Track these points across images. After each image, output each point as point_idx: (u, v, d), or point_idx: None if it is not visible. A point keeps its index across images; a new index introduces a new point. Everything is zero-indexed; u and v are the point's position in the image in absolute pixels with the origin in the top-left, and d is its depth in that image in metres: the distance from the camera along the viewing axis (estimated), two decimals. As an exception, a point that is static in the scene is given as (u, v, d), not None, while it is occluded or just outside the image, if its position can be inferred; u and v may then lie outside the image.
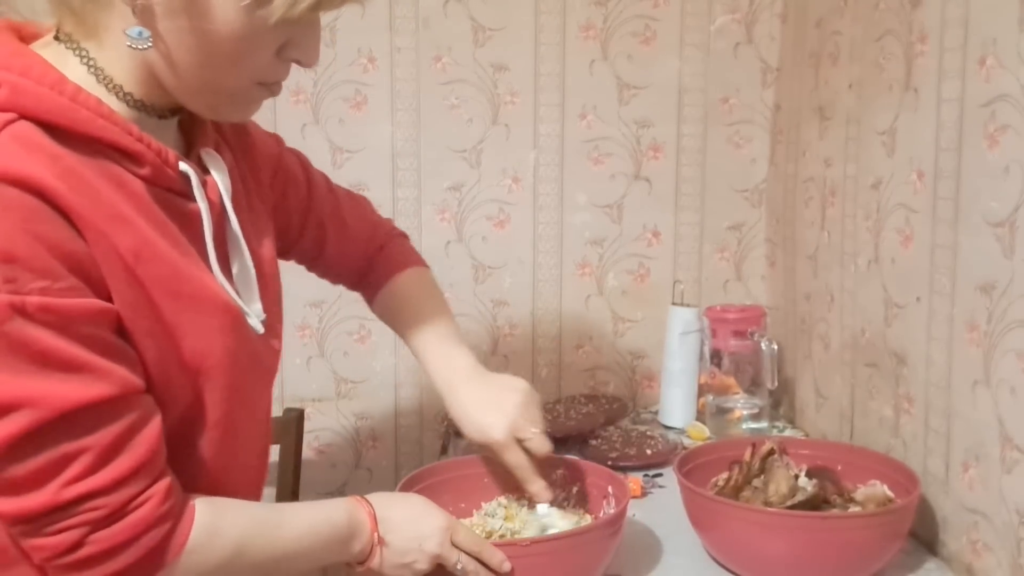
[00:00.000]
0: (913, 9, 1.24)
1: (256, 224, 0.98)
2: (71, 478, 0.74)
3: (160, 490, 0.79)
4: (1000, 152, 1.05)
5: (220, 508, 0.85)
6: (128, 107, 0.82)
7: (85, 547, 0.76)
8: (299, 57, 0.84)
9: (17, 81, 0.74)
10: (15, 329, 0.70)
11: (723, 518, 1.13)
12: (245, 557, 0.85)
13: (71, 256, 0.74)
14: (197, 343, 0.83)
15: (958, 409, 1.15)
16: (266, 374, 0.97)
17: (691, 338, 1.72)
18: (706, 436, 1.64)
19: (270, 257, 0.99)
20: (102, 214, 0.76)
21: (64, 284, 0.73)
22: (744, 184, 1.88)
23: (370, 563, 0.95)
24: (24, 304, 0.70)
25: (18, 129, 0.73)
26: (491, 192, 1.85)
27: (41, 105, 0.74)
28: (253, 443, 0.97)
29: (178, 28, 0.77)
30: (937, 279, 1.19)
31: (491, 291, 1.88)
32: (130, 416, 0.78)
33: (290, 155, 1.15)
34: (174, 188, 0.84)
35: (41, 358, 0.72)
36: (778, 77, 1.83)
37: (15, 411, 0.72)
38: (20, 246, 0.70)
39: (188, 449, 0.86)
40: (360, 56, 1.79)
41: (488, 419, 1.09)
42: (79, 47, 0.81)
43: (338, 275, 1.26)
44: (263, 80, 0.84)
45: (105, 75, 0.81)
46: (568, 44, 1.81)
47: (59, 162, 0.74)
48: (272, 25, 0.77)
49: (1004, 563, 1.05)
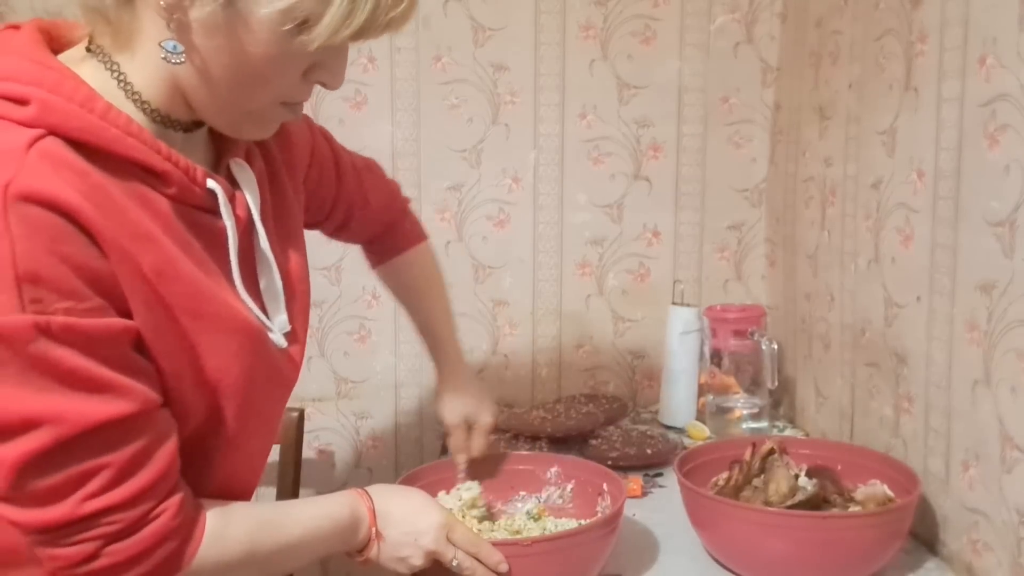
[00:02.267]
0: (913, 9, 1.24)
1: (286, 233, 0.98)
2: (90, 493, 0.75)
3: (174, 503, 0.80)
4: (1000, 152, 1.05)
5: (228, 514, 0.86)
6: (154, 123, 0.82)
7: (100, 559, 0.77)
8: (326, 80, 0.84)
9: (47, 98, 0.74)
10: (40, 349, 0.71)
11: (723, 518, 1.13)
12: (252, 558, 0.87)
13: (95, 275, 0.74)
14: (216, 362, 0.83)
15: (958, 409, 1.15)
16: (284, 386, 0.97)
17: (691, 338, 1.72)
18: (706, 436, 1.64)
19: (297, 266, 0.98)
20: (127, 232, 0.76)
21: (88, 305, 0.73)
22: (744, 184, 1.88)
23: (368, 553, 0.97)
24: (49, 324, 0.71)
25: (46, 146, 0.73)
26: (491, 192, 1.85)
27: (70, 122, 0.74)
28: (261, 449, 0.99)
29: (214, 46, 0.77)
30: (937, 279, 1.19)
31: (491, 291, 1.88)
32: (149, 433, 0.78)
33: (320, 138, 1.15)
34: (201, 205, 0.84)
35: (65, 377, 0.72)
36: (778, 77, 1.83)
37: (38, 427, 0.72)
38: (46, 267, 0.71)
39: (200, 459, 0.87)
40: (360, 56, 1.79)
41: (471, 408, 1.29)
42: (111, 60, 0.81)
43: (351, 240, 1.32)
44: (287, 100, 0.84)
45: (134, 91, 0.81)
46: (568, 44, 1.81)
47: (86, 180, 0.74)
48: (310, 51, 0.77)
49: (1004, 562, 1.05)
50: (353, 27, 0.76)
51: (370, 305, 1.86)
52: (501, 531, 1.18)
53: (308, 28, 0.76)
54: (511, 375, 1.90)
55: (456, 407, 1.28)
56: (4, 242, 0.69)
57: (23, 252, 0.70)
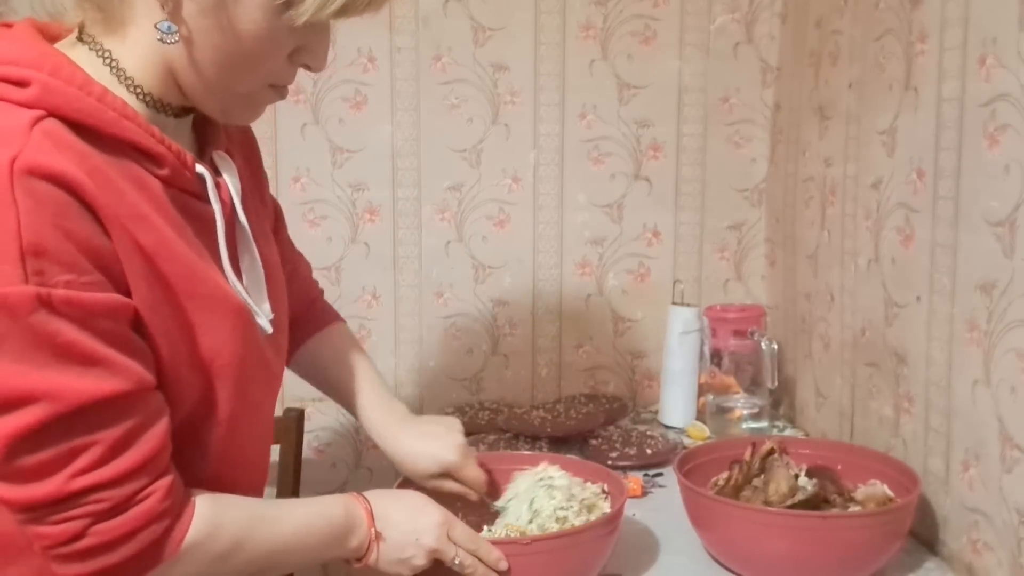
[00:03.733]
0: (913, 8, 1.24)
1: (262, 225, 1.00)
2: (79, 470, 0.75)
3: (163, 486, 0.80)
4: (1000, 151, 1.05)
5: (220, 504, 0.86)
6: (147, 107, 0.85)
7: (86, 538, 0.77)
8: (309, 62, 0.88)
9: (48, 80, 0.76)
10: (40, 321, 0.72)
11: (723, 518, 1.13)
12: (243, 552, 0.86)
13: (96, 251, 0.75)
14: (210, 342, 0.85)
15: (958, 408, 1.15)
16: (272, 372, 0.98)
17: (691, 338, 1.72)
18: (706, 436, 1.64)
19: (275, 258, 1.01)
20: (125, 212, 0.78)
21: (88, 279, 0.75)
22: (744, 184, 1.88)
23: (367, 559, 0.96)
24: (50, 296, 0.72)
25: (48, 126, 0.75)
26: (491, 192, 1.85)
27: (70, 104, 0.77)
28: (257, 440, 0.99)
29: (206, 25, 0.80)
30: (937, 278, 1.19)
31: (491, 291, 1.88)
32: (141, 412, 0.79)
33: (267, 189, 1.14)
34: (190, 190, 0.86)
35: (62, 351, 0.73)
36: (778, 77, 1.83)
37: (33, 403, 0.73)
38: (50, 240, 0.72)
39: (195, 445, 0.87)
40: (360, 56, 1.79)
41: (440, 444, 1.12)
42: (102, 48, 0.83)
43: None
44: (274, 82, 0.88)
45: (127, 75, 0.83)
46: (568, 44, 1.81)
47: (86, 160, 0.76)
48: (295, 28, 0.81)
49: (1004, 562, 1.05)
50: (338, 3, 0.80)
51: (370, 305, 1.86)
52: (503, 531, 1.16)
53: (295, 3, 0.79)
54: (511, 375, 1.90)
55: (450, 445, 1.12)
56: (10, 214, 0.71)
57: (28, 225, 0.71)
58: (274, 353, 0.97)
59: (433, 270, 1.86)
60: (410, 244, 1.85)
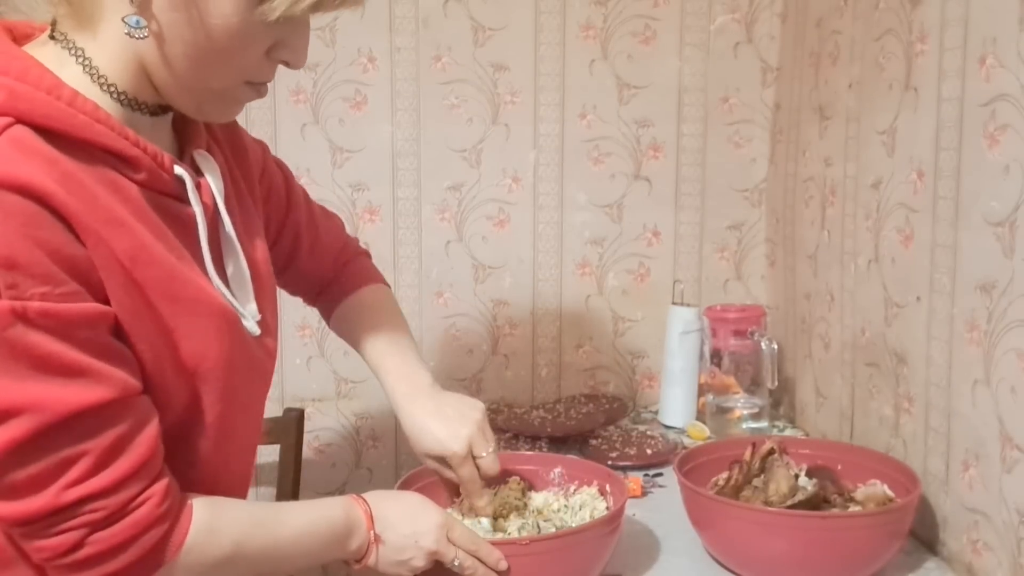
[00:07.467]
0: (913, 8, 1.24)
1: (248, 224, 0.98)
2: (71, 481, 0.75)
3: (159, 491, 0.80)
4: (1000, 151, 1.05)
5: (218, 507, 0.86)
6: (121, 106, 0.82)
7: (85, 548, 0.76)
8: (288, 58, 0.85)
9: (14, 85, 0.74)
10: (16, 335, 0.71)
11: (723, 518, 1.13)
12: (242, 555, 0.86)
13: (70, 261, 0.74)
14: (194, 346, 0.83)
15: (958, 409, 1.15)
16: (262, 375, 0.97)
17: (691, 338, 1.72)
18: (706, 436, 1.64)
19: (263, 257, 0.99)
20: (99, 218, 0.76)
21: (64, 289, 0.73)
22: (744, 184, 1.88)
23: (367, 561, 0.96)
24: (25, 310, 0.71)
25: (16, 133, 0.73)
26: (491, 192, 1.85)
27: (38, 109, 0.74)
28: (247, 442, 0.98)
29: (176, 20, 0.77)
30: (937, 278, 1.19)
31: (491, 291, 1.88)
32: (129, 419, 0.78)
33: (273, 163, 1.14)
34: (169, 192, 0.85)
35: (42, 363, 0.72)
36: (778, 77, 1.83)
37: (17, 416, 0.72)
38: (21, 252, 0.71)
39: (185, 450, 0.87)
40: (360, 56, 1.79)
41: (449, 431, 1.08)
42: (74, 46, 0.80)
43: (302, 286, 1.23)
44: (251, 79, 0.85)
45: (100, 74, 0.81)
46: (568, 44, 1.81)
47: (56, 166, 0.74)
48: (269, 23, 0.78)
49: (1004, 562, 1.05)
50: None
51: (370, 305, 1.86)
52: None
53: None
54: (511, 375, 1.90)
55: (459, 436, 1.07)
56: None
57: None
58: (263, 354, 0.95)
59: (433, 270, 1.86)
60: (410, 244, 1.85)
